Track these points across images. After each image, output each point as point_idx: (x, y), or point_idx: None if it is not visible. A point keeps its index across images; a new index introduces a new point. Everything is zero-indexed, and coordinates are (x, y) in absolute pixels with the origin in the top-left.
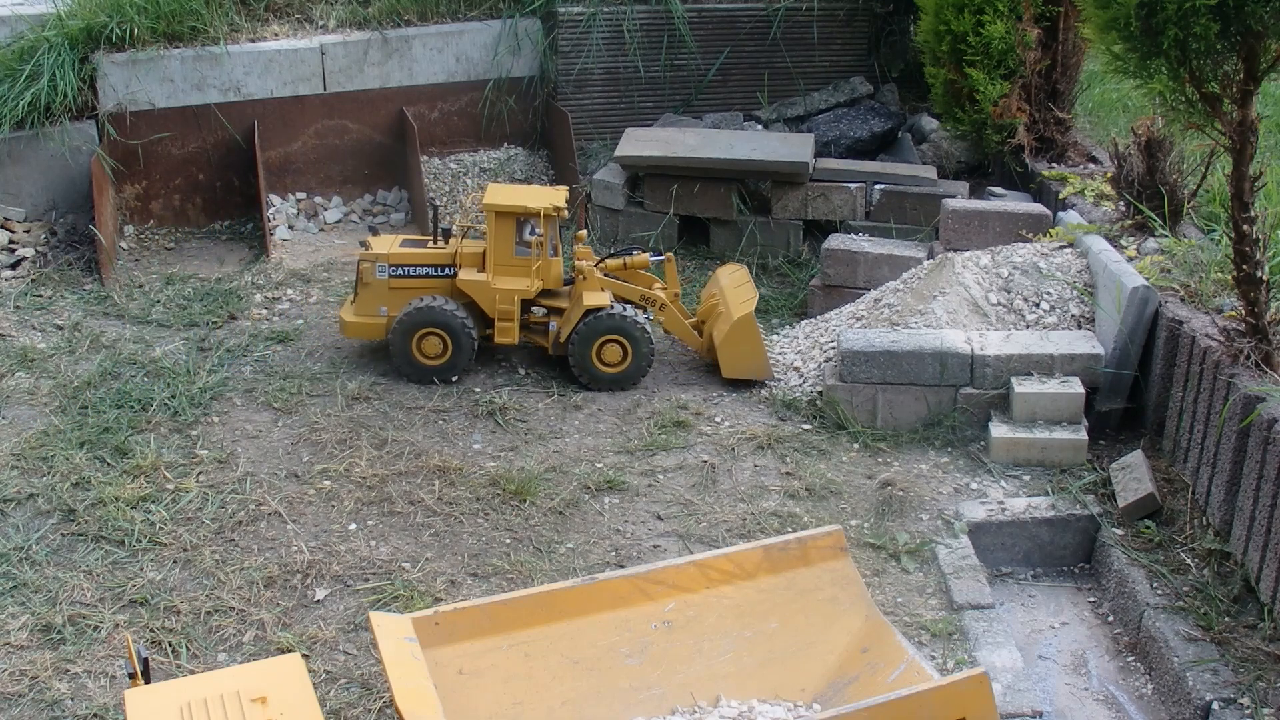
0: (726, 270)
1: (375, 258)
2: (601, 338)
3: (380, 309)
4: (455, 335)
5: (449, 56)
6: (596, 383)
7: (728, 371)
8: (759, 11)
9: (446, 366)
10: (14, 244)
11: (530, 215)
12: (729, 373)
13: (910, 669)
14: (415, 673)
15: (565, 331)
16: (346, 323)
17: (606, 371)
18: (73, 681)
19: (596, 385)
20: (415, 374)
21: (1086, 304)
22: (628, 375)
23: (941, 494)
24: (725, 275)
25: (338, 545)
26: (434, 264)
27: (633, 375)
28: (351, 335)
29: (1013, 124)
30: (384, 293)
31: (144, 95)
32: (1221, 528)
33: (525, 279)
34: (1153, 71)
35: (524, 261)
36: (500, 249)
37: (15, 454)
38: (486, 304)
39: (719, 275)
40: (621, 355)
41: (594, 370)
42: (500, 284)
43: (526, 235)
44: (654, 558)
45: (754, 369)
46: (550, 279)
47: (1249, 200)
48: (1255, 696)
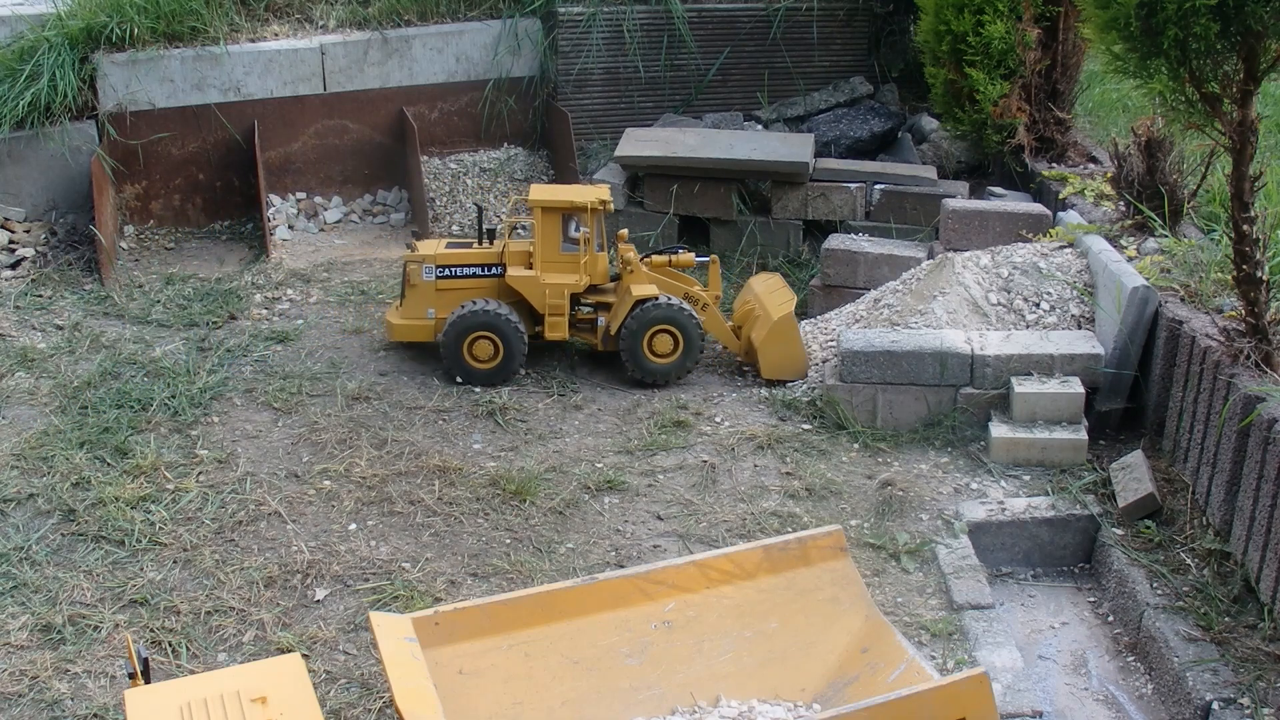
0: (759, 279)
1: (422, 259)
2: (653, 328)
3: (428, 311)
4: (506, 338)
5: (449, 56)
6: (647, 375)
7: (768, 372)
8: (759, 11)
9: (498, 370)
10: (14, 244)
11: (577, 210)
12: (769, 374)
13: (910, 669)
14: (415, 673)
15: (615, 324)
16: (394, 325)
17: (658, 363)
18: (73, 681)
19: (648, 378)
20: (467, 378)
21: (1086, 304)
22: (679, 366)
23: (941, 494)
24: (759, 283)
25: (338, 545)
26: (481, 264)
27: (683, 366)
28: (399, 338)
29: (1013, 124)
30: (431, 295)
31: (144, 95)
32: (1221, 528)
33: (573, 274)
34: (1153, 71)
35: (571, 257)
36: (547, 245)
37: (15, 454)
38: (536, 299)
39: (752, 284)
40: (673, 345)
41: (645, 362)
42: (549, 279)
43: (572, 231)
44: (654, 558)
45: (794, 369)
46: (597, 274)
47: (1249, 200)
48: (1255, 696)
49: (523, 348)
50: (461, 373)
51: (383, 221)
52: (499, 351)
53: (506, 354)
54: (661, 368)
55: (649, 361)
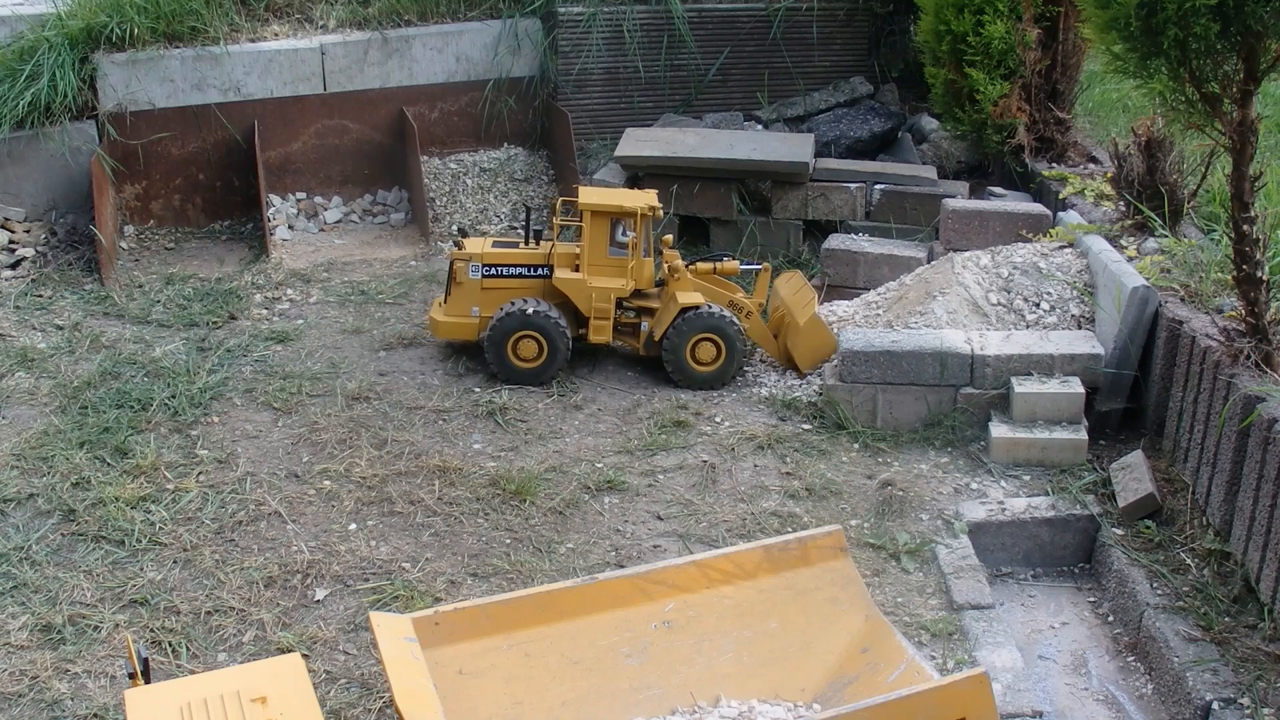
0: (783, 281)
1: (469, 257)
2: (696, 336)
3: (472, 309)
4: (551, 338)
5: (449, 56)
6: (690, 382)
7: (807, 368)
8: (759, 11)
9: (541, 369)
10: (14, 244)
11: (627, 214)
12: (808, 369)
13: (910, 669)
14: (415, 673)
15: (660, 330)
16: (438, 323)
17: (701, 370)
18: (73, 681)
19: (690, 385)
20: (510, 377)
21: (1086, 304)
22: (721, 374)
23: (941, 494)
24: (783, 286)
25: (338, 545)
26: (527, 264)
27: (726, 374)
28: (443, 335)
29: (1013, 124)
30: (476, 293)
31: (144, 95)
32: (1221, 528)
33: (620, 278)
34: (1153, 71)
35: (618, 261)
36: (595, 249)
37: (15, 454)
38: (583, 302)
39: (778, 288)
40: (715, 354)
41: (688, 369)
42: (596, 283)
43: (620, 236)
44: (654, 558)
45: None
46: (643, 279)
47: (1249, 200)
48: (1255, 696)
49: (567, 349)
50: (504, 371)
51: (383, 221)
52: (543, 352)
53: (550, 355)
54: (705, 375)
55: (692, 369)
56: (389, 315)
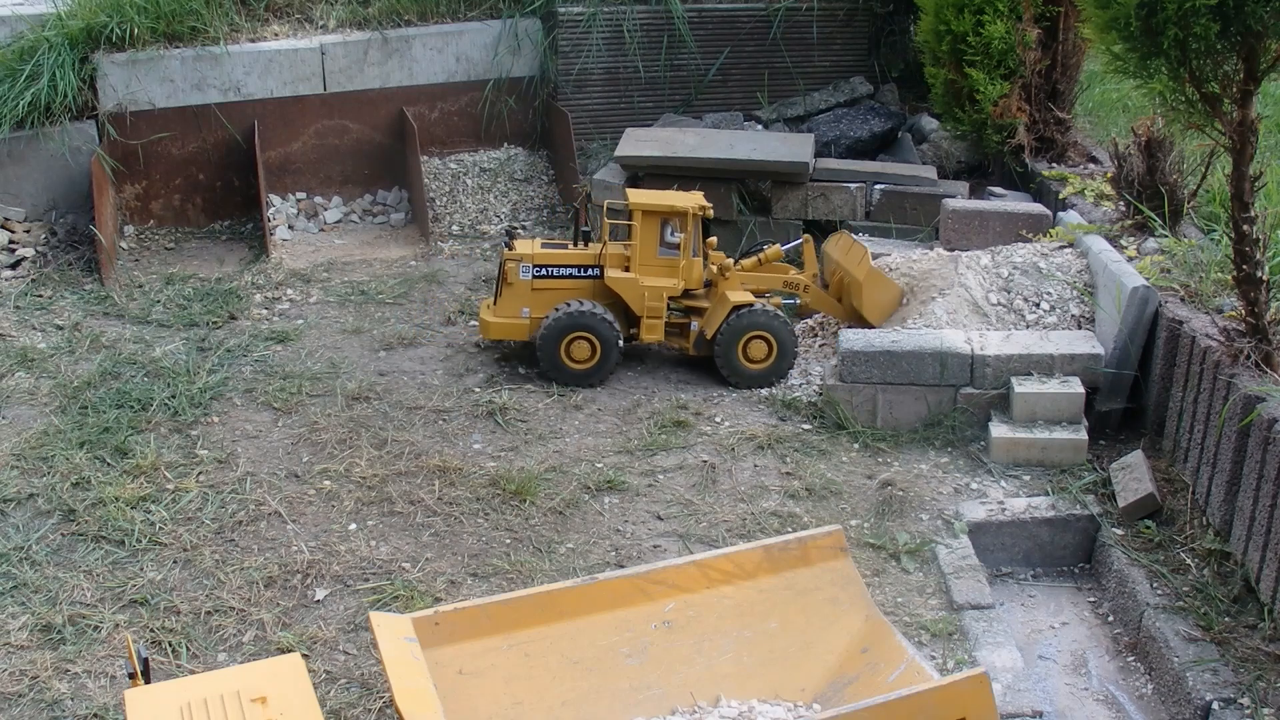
0: (831, 243)
1: (520, 258)
2: (748, 334)
3: (523, 310)
4: (604, 339)
5: (449, 56)
6: (742, 380)
7: (878, 321)
8: (759, 11)
9: (593, 371)
10: (14, 244)
11: (677, 214)
12: (879, 322)
13: (910, 669)
14: (415, 673)
15: (711, 329)
16: (489, 324)
17: (752, 368)
18: (73, 681)
19: (742, 383)
20: (562, 378)
21: (1086, 304)
22: (772, 371)
23: (941, 494)
24: (833, 249)
25: (338, 545)
26: (578, 265)
27: (778, 370)
28: (494, 336)
29: (1013, 124)
30: (526, 294)
31: (144, 95)
32: (1221, 528)
33: (671, 278)
34: (1153, 71)
35: (668, 261)
36: (645, 248)
37: (15, 454)
38: (635, 302)
39: (828, 251)
40: (767, 351)
41: (740, 367)
42: (647, 282)
43: (669, 236)
44: (654, 558)
45: (894, 306)
46: (692, 279)
47: (1249, 200)
48: (1255, 696)
49: (619, 350)
50: (556, 372)
51: (383, 221)
52: (595, 353)
53: (603, 355)
54: (756, 373)
55: (744, 367)
56: (389, 315)
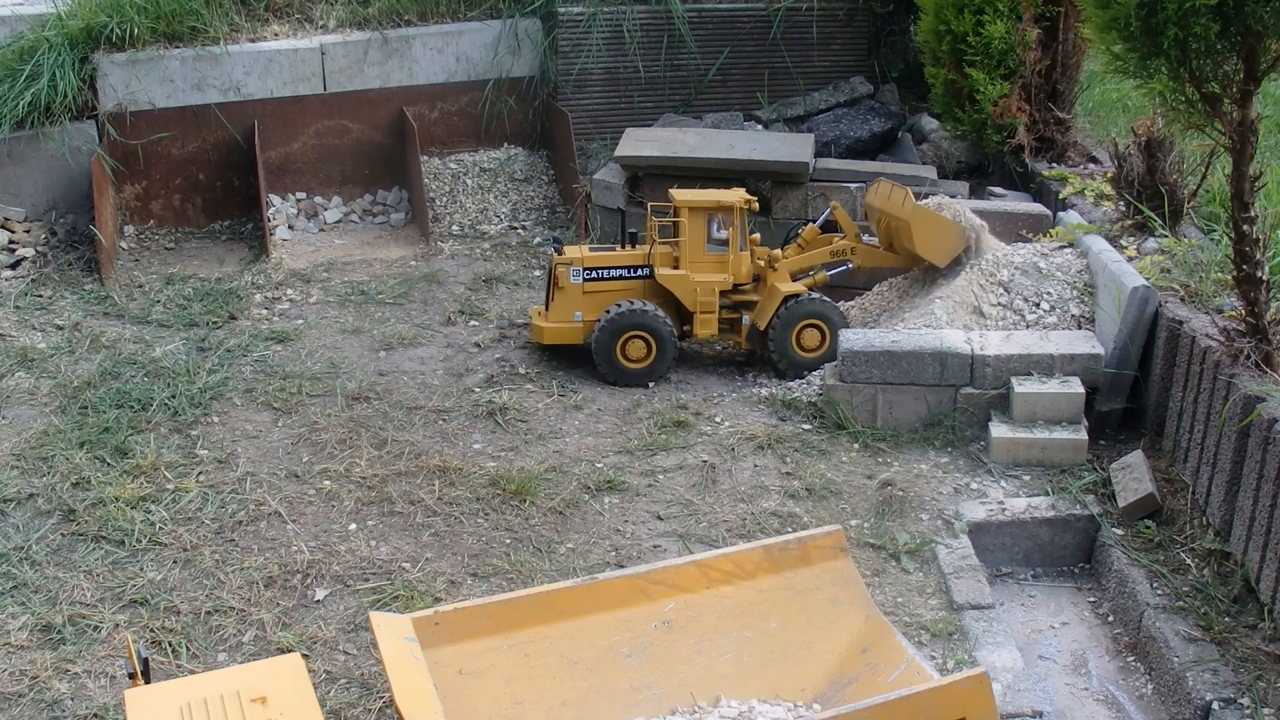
0: (871, 193)
1: (570, 261)
2: (801, 323)
3: (575, 314)
4: (660, 338)
5: (449, 56)
6: (796, 368)
7: (941, 261)
8: (759, 11)
9: (650, 369)
10: (14, 244)
11: (724, 209)
12: (942, 262)
13: (910, 669)
14: (415, 673)
15: (764, 321)
16: (542, 329)
17: (806, 356)
18: (73, 681)
19: (797, 371)
20: (618, 378)
21: (1086, 304)
22: (825, 358)
23: (941, 494)
24: (874, 198)
25: (338, 545)
26: (628, 265)
27: (829, 358)
28: (548, 341)
29: (1013, 124)
30: (578, 297)
31: (144, 95)
32: (1221, 528)
33: (721, 273)
34: (1153, 71)
35: (716, 257)
36: (694, 245)
37: (15, 454)
38: (687, 298)
39: (870, 202)
40: (820, 339)
41: (793, 355)
42: (698, 278)
43: (716, 231)
44: (654, 558)
45: (955, 244)
46: (741, 273)
47: (1249, 200)
48: (1255, 696)
49: (674, 347)
50: (614, 372)
51: (383, 221)
52: (651, 351)
53: (659, 353)
54: (810, 360)
55: (797, 355)
56: (389, 315)
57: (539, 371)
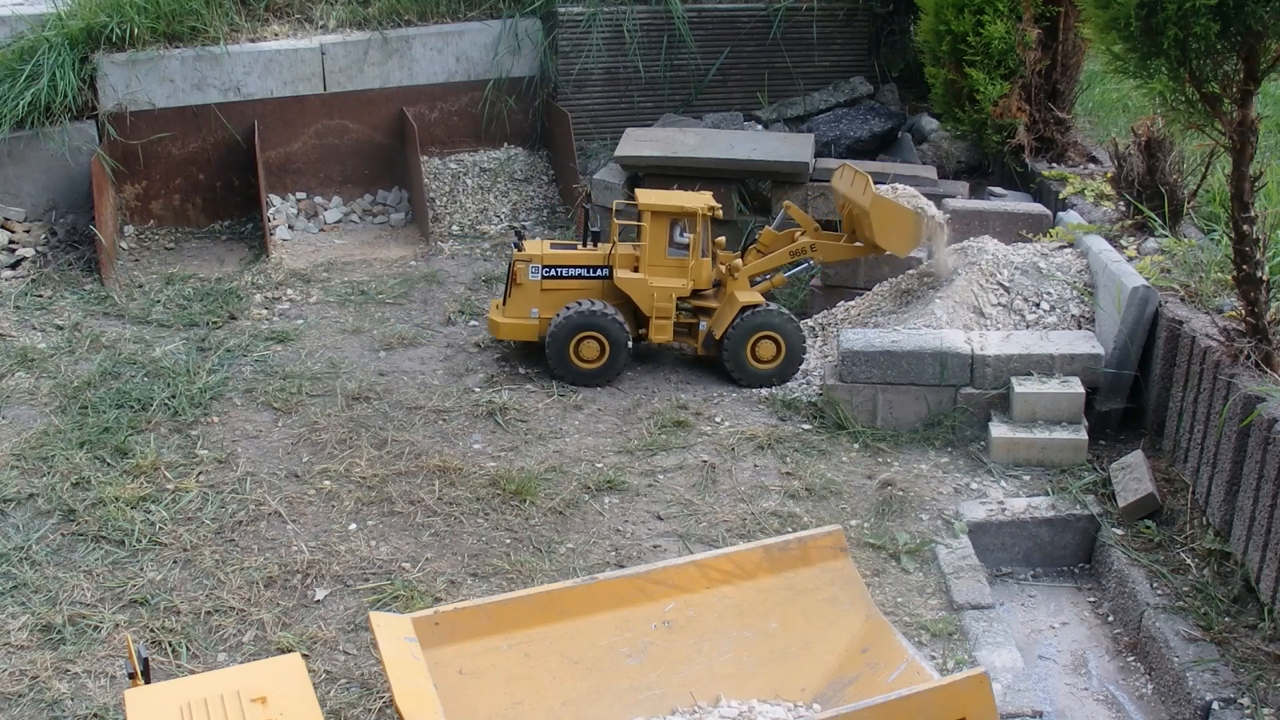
0: (836, 178)
1: (529, 258)
2: (756, 334)
3: (532, 310)
4: (613, 339)
5: (449, 56)
6: (751, 380)
7: (901, 251)
8: (759, 11)
9: (603, 370)
10: (14, 244)
11: (687, 215)
12: (902, 252)
13: (910, 669)
14: (415, 673)
15: (720, 329)
16: (498, 324)
17: (761, 368)
18: (73, 681)
19: (751, 383)
20: (571, 378)
21: (1086, 304)
22: (782, 371)
23: (941, 494)
24: (839, 182)
25: (338, 545)
26: (587, 265)
27: (787, 371)
28: (504, 336)
29: (1013, 124)
30: (535, 294)
31: (144, 95)
32: (1221, 528)
33: (680, 278)
34: (1153, 71)
35: (677, 262)
36: (655, 249)
37: (15, 454)
38: (644, 302)
39: (835, 186)
40: (775, 351)
41: (749, 368)
42: (656, 282)
43: (679, 236)
44: (654, 558)
45: (915, 234)
46: (701, 279)
47: (1249, 200)
48: (1255, 696)
49: (628, 350)
50: (566, 372)
51: (383, 221)
52: (604, 352)
53: (612, 355)
54: (764, 373)
55: (753, 367)
56: (389, 315)
57: (539, 371)
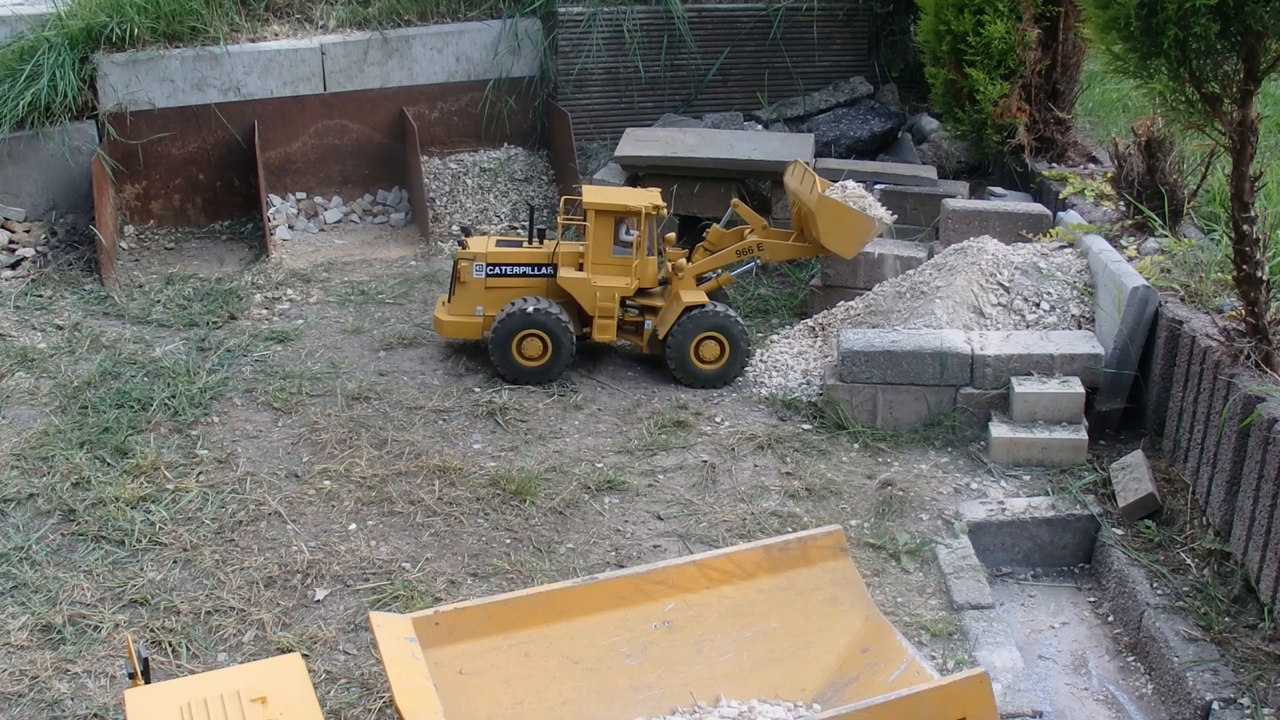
0: (788, 174)
1: (473, 256)
2: (700, 334)
3: (476, 308)
4: (556, 336)
5: (449, 56)
6: (694, 380)
7: (847, 253)
8: (759, 11)
9: (545, 368)
10: (14, 244)
11: (631, 214)
12: (848, 254)
13: (910, 669)
14: (415, 673)
15: (664, 329)
16: (443, 322)
17: (704, 369)
18: (73, 681)
19: (694, 383)
20: (514, 376)
21: (1086, 304)
22: (725, 372)
23: (941, 494)
24: (790, 178)
25: (338, 545)
26: (531, 263)
27: (730, 372)
28: (448, 334)
29: (1013, 124)
30: (480, 292)
31: (144, 95)
32: (1221, 528)
33: (624, 277)
34: (1153, 71)
35: (622, 260)
36: (599, 247)
37: (15, 454)
38: (587, 301)
39: (787, 182)
40: (719, 352)
41: (692, 368)
42: (600, 281)
43: (624, 235)
44: (654, 558)
45: (862, 236)
46: (646, 278)
47: (1249, 200)
48: (1255, 696)
49: (571, 348)
50: (509, 370)
51: (383, 221)
52: (547, 350)
53: (555, 353)
54: (708, 374)
55: (696, 368)
56: (389, 315)
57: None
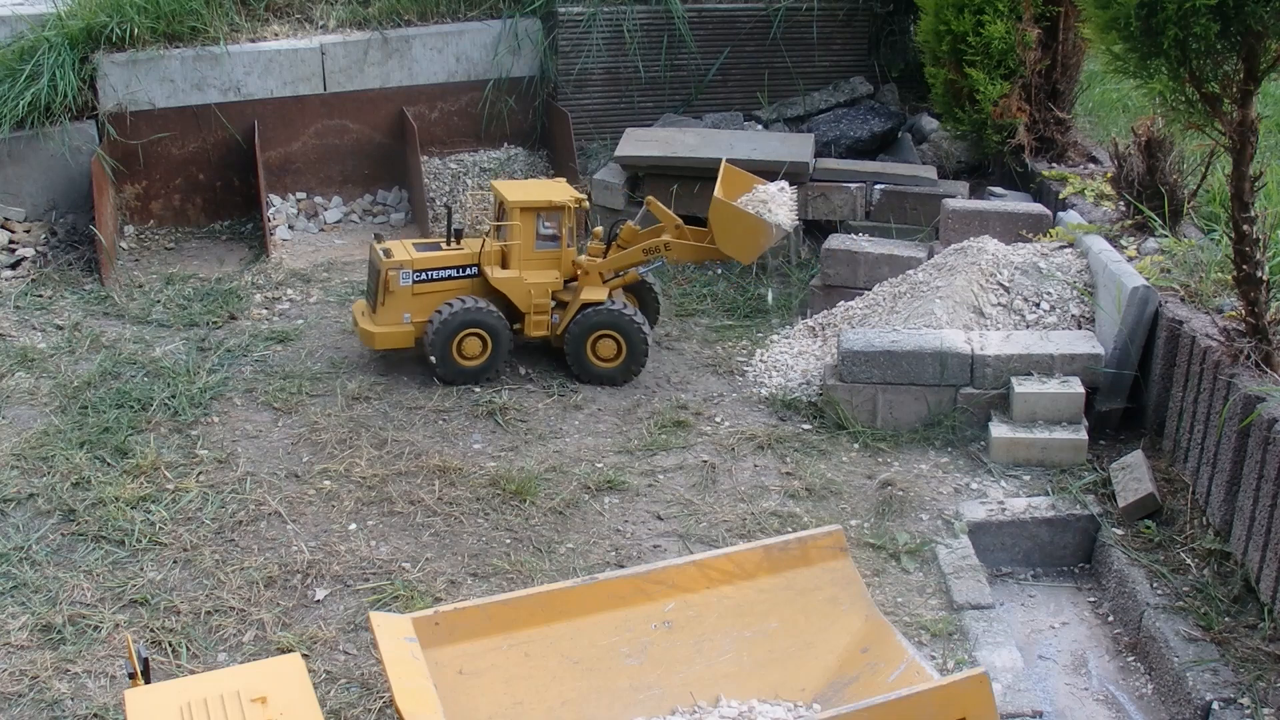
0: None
1: (399, 264)
2: (595, 333)
3: (404, 316)
4: (496, 334)
5: (449, 56)
6: (590, 377)
7: (745, 259)
8: (759, 11)
9: (485, 366)
10: (14, 244)
11: (555, 209)
12: (746, 259)
13: (910, 669)
14: (415, 673)
15: (562, 324)
16: (373, 334)
17: (601, 366)
18: (73, 681)
19: (590, 379)
20: (453, 377)
21: (1086, 304)
22: (621, 371)
23: (941, 494)
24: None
25: (338, 545)
26: (457, 265)
27: (627, 371)
28: (380, 347)
29: (1013, 124)
30: (407, 299)
31: (144, 95)
32: (1221, 528)
33: (553, 271)
34: (1153, 71)
35: (550, 255)
36: (525, 244)
37: (15, 454)
38: (522, 300)
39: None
40: (616, 351)
41: (588, 365)
42: (531, 279)
43: (542, 229)
44: (654, 558)
45: (760, 241)
46: (568, 272)
47: (1249, 200)
48: (1255, 696)
49: (510, 342)
50: (449, 372)
51: (383, 221)
52: (487, 348)
53: (494, 350)
54: (604, 372)
55: (592, 364)
56: None
57: (539, 371)
